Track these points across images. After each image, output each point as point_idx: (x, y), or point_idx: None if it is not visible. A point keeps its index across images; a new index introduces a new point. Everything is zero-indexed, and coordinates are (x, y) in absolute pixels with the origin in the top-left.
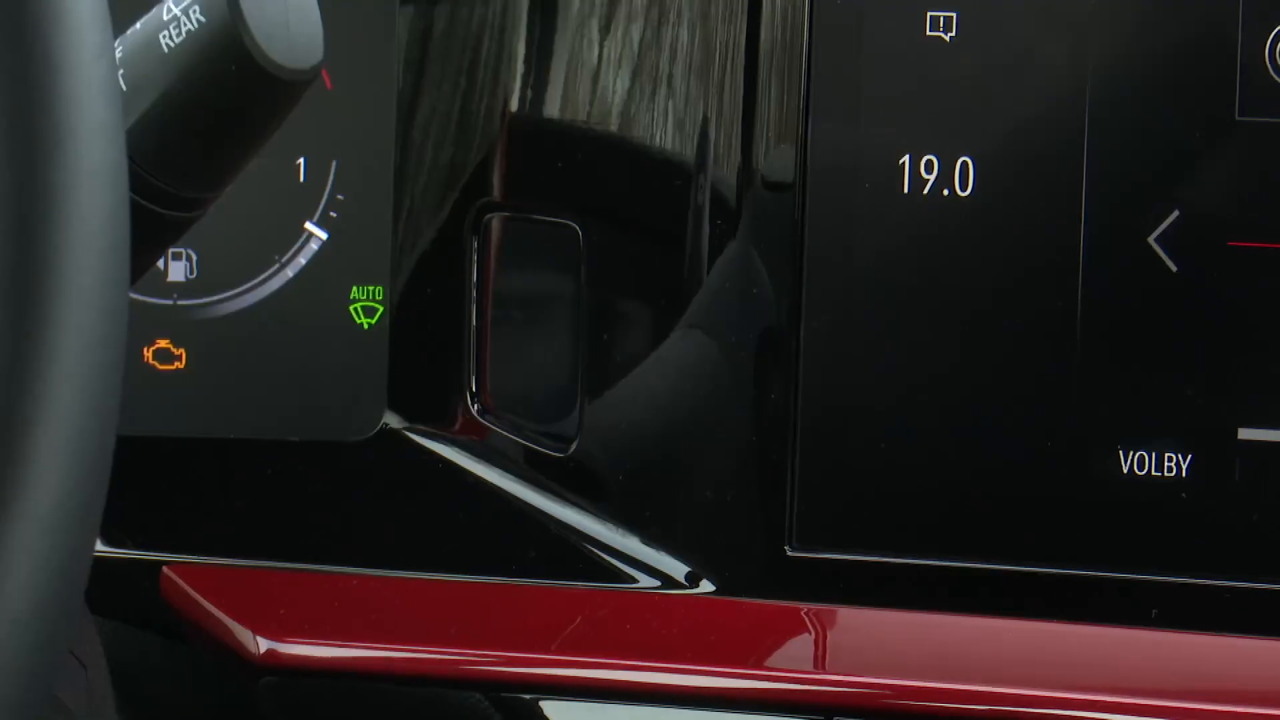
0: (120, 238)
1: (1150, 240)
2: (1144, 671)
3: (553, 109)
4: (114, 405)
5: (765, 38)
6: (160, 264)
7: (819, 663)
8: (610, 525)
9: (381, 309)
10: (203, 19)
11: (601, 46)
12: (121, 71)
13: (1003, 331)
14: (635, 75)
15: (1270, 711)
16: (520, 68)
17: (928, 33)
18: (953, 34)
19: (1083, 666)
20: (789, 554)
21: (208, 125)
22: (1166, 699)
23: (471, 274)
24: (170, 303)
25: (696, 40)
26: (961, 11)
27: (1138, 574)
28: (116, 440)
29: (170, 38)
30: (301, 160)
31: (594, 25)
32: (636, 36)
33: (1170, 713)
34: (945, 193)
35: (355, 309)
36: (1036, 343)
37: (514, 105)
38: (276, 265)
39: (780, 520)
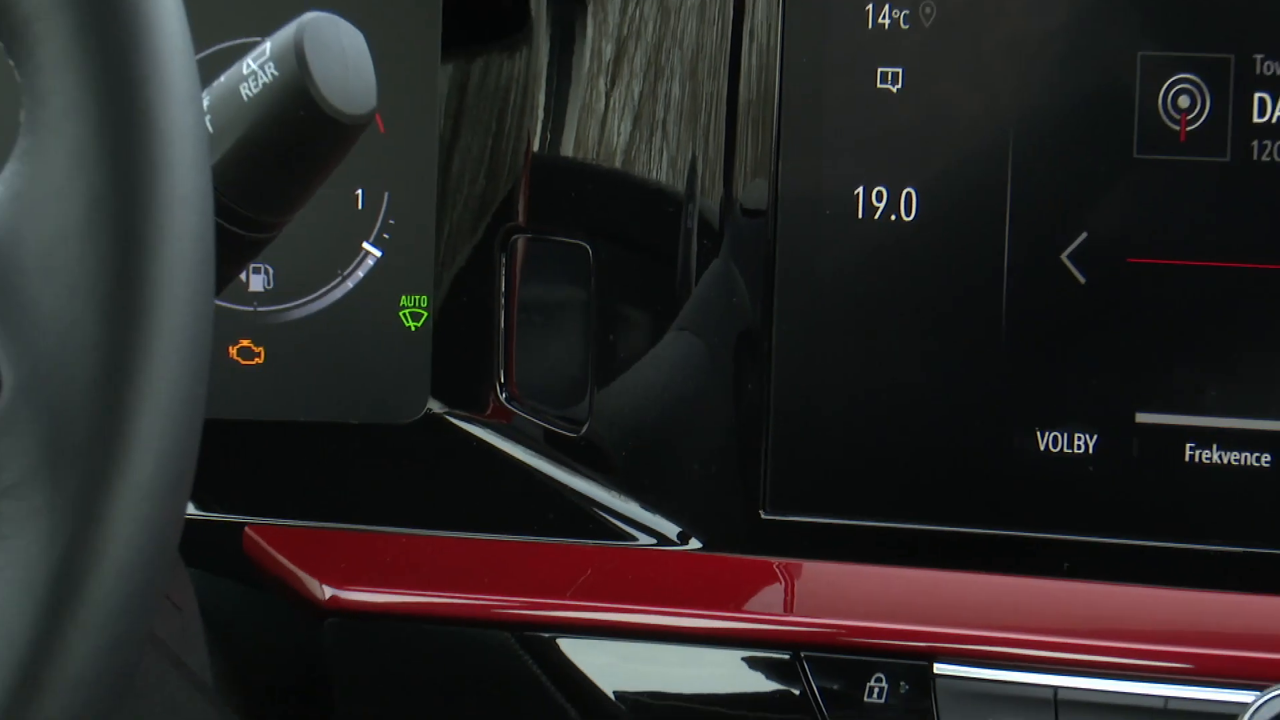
0: (206, 255)
1: (1063, 257)
2: (1056, 615)
3: (567, 149)
4: (202, 394)
5: (743, 91)
6: (243, 277)
7: (788, 607)
8: (614, 493)
9: (426, 314)
10: (276, 73)
11: (607, 98)
12: (208, 116)
13: (941, 333)
14: (635, 122)
15: (1161, 648)
16: (540, 115)
17: (878, 85)
18: (899, 86)
19: (1007, 610)
20: (763, 517)
21: (279, 161)
22: (1075, 638)
23: (500, 285)
24: (251, 309)
25: (686, 94)
26: (906, 68)
27: (1053, 534)
28: (206, 423)
29: (249, 88)
30: (359, 191)
31: (601, 81)
32: (636, 90)
33: (1078, 649)
34: (893, 218)
35: (404, 314)
36: (969, 342)
37: (535, 146)
38: (339, 278)
39: (756, 488)
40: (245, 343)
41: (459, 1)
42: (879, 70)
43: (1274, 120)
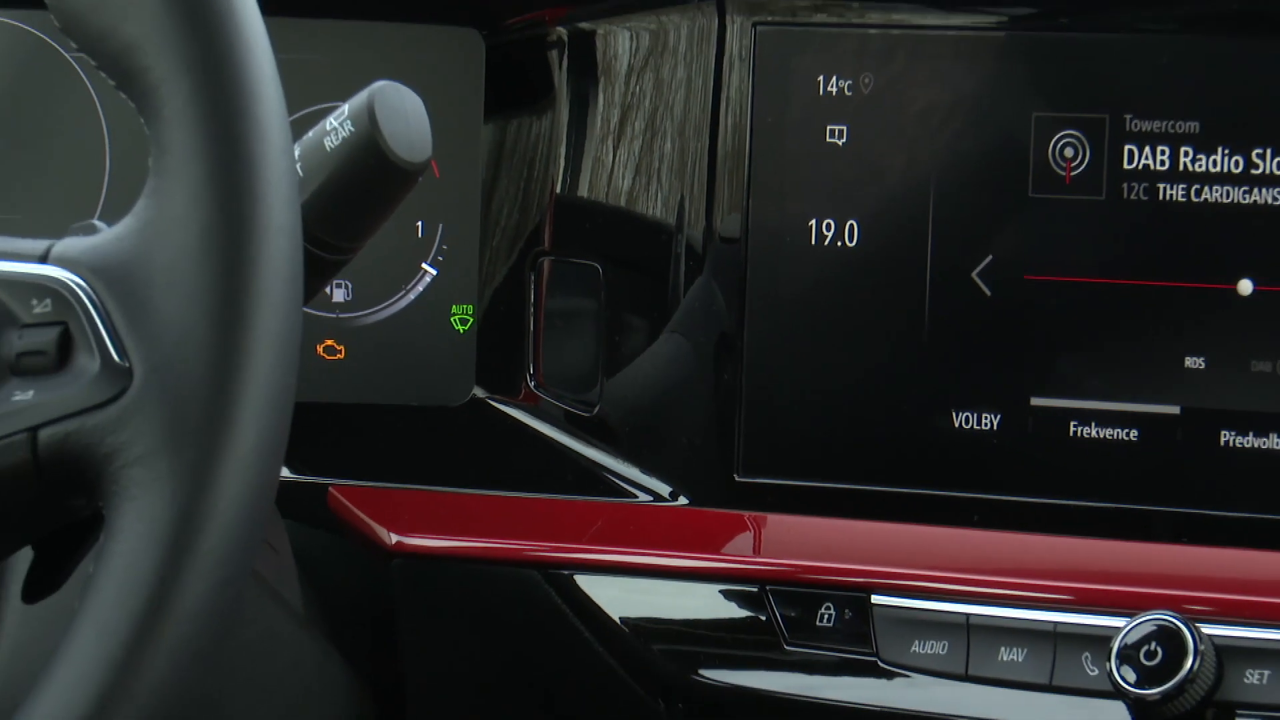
0: (296, 273)
1: (973, 275)
2: (968, 558)
3: (582, 191)
4: (293, 384)
5: (720, 147)
6: (328, 290)
7: (756, 551)
8: (619, 460)
9: (472, 319)
10: (352, 129)
11: (614, 153)
12: (299, 163)
13: (877, 334)
14: (636, 171)
15: (1051, 583)
16: (561, 165)
17: (827, 140)
18: (844, 141)
19: (930, 553)
20: (736, 479)
21: (355, 199)
22: (983, 575)
23: (530, 297)
24: (334, 316)
25: (675, 149)
26: (849, 126)
27: (965, 493)
28: (296, 405)
29: (331, 141)
30: (419, 222)
31: (609, 140)
32: (637, 147)
33: (985, 584)
34: (839, 244)
35: (454, 320)
36: (899, 341)
37: (557, 188)
38: (403, 291)
39: (730, 456)
40: (329, 342)
41: (497, 74)
42: (827, 128)
43: (1140, 167)
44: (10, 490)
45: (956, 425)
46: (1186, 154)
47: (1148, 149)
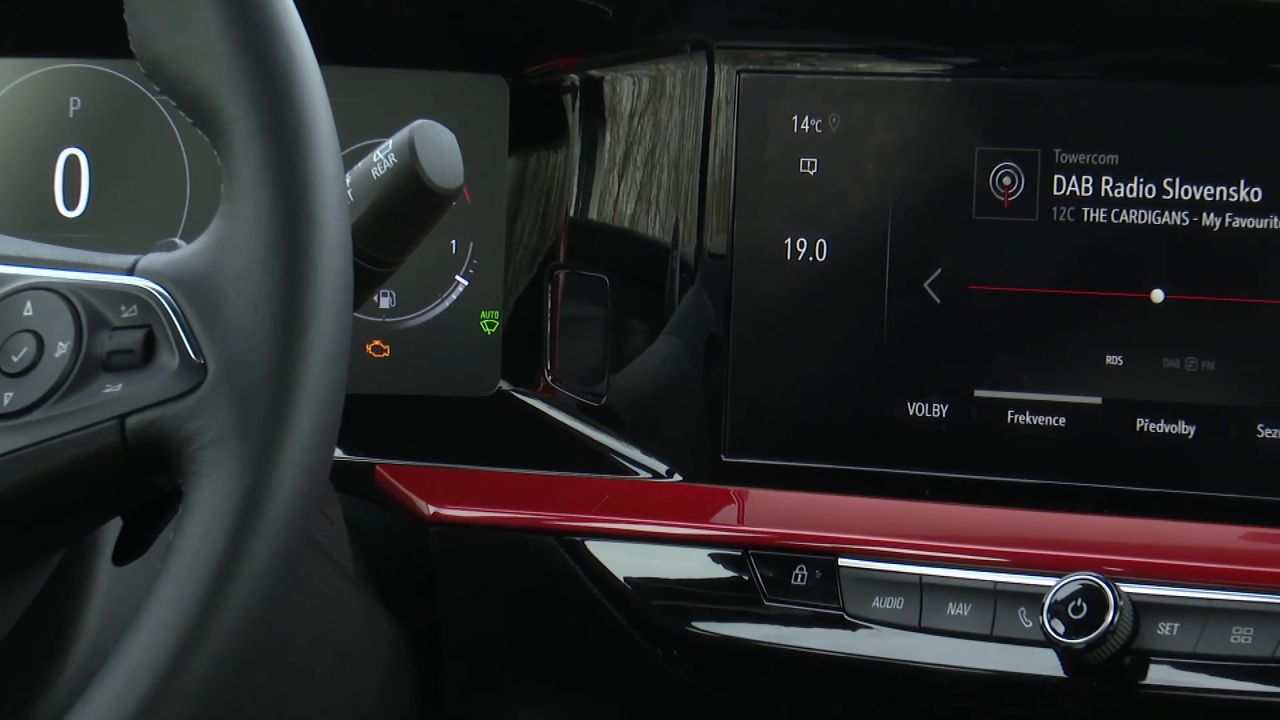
0: (347, 283)
1: (925, 285)
2: (921, 527)
3: (592, 214)
4: (344, 378)
5: (709, 178)
6: (375, 298)
7: (740, 520)
8: (623, 443)
9: (498, 323)
10: (395, 160)
11: (619, 182)
12: (349, 189)
13: (843, 336)
14: (638, 198)
15: (991, 548)
16: (574, 192)
17: (800, 171)
18: (815, 172)
19: (889, 523)
20: (724, 459)
21: (398, 220)
22: (933, 541)
23: (547, 304)
24: (380, 320)
25: (671, 180)
26: (819, 159)
27: (919, 471)
28: (347, 397)
29: (378, 170)
30: (453, 240)
31: (615, 172)
32: (638, 178)
33: (935, 549)
34: (810, 260)
35: (483, 323)
36: (862, 343)
37: (571, 213)
38: (439, 299)
39: (719, 440)
40: (376, 342)
41: (519, 114)
42: (800, 160)
43: (1068, 193)
44: (102, 469)
45: (910, 414)
46: (1107, 182)
47: (1074, 178)
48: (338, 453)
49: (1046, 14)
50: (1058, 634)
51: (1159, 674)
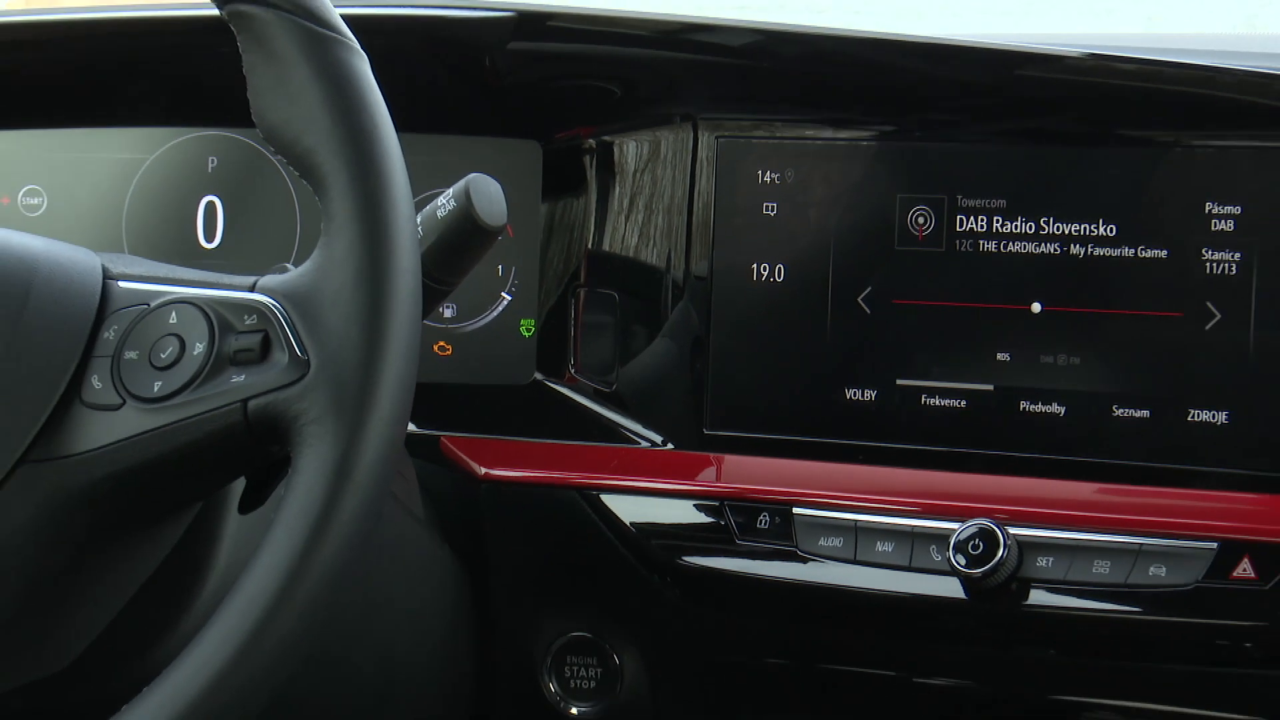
0: (418, 298)
1: (858, 300)
2: (856, 484)
3: (605, 247)
4: (415, 370)
5: (694, 218)
6: (440, 309)
7: (717, 479)
8: (629, 419)
9: (534, 329)
10: (454, 204)
11: (625, 222)
12: (419, 227)
13: (796, 339)
14: (640, 235)
15: (910, 500)
16: (591, 230)
17: (763, 213)
18: (774, 213)
19: (831, 481)
20: (705, 432)
21: (456, 250)
22: (864, 494)
23: (571, 314)
24: (444, 326)
25: (665, 221)
26: (778, 204)
27: (855, 442)
28: (418, 385)
29: (441, 211)
30: (499, 265)
31: (622, 214)
32: (640, 218)
33: (866, 501)
34: (771, 280)
35: (522, 328)
36: (811, 344)
37: (589, 244)
38: (489, 310)
39: (701, 416)
40: (441, 343)
41: (550, 170)
42: (763, 205)
43: (967, 229)
44: (229, 440)
45: (848, 398)
46: (997, 220)
47: (972, 218)
48: (411, 427)
49: (949, 94)
50: (960, 566)
51: (1037, 597)
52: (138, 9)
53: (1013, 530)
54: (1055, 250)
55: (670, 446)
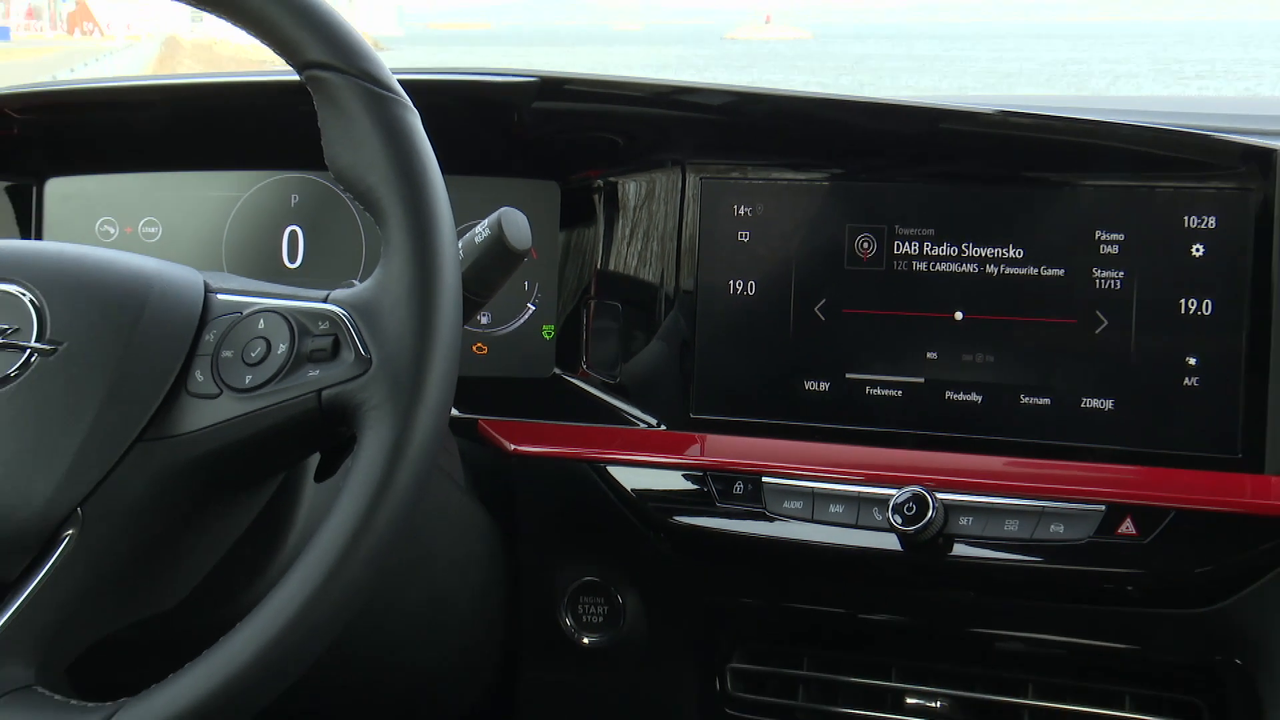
0: (459, 308)
1: (815, 309)
2: (812, 458)
3: (611, 267)
4: (456, 366)
5: (682, 244)
6: (478, 317)
7: (701, 454)
8: (629, 405)
9: (554, 332)
10: (488, 232)
11: (627, 247)
12: (460, 250)
13: (765, 341)
14: (639, 257)
15: (855, 470)
16: (599, 252)
17: (738, 240)
18: (747, 239)
19: (794, 455)
20: (691, 416)
21: (490, 269)
22: (819, 465)
23: (584, 320)
24: (481, 330)
25: (660, 246)
26: (751, 232)
27: (812, 423)
28: (460, 378)
29: (478, 238)
30: (525, 281)
31: (624, 240)
32: (639, 244)
33: (821, 471)
34: (744, 294)
35: (544, 332)
36: (777, 345)
37: (598, 265)
38: (517, 318)
39: (688, 404)
40: (479, 344)
41: (566, 204)
42: (738, 233)
43: (903, 253)
44: (306, 423)
45: (807, 388)
46: (927, 245)
47: (907, 243)
48: (454, 412)
49: (888, 143)
50: (897, 524)
51: (959, 549)
52: (236, 75)
53: (940, 495)
54: (974, 270)
55: (663, 428)
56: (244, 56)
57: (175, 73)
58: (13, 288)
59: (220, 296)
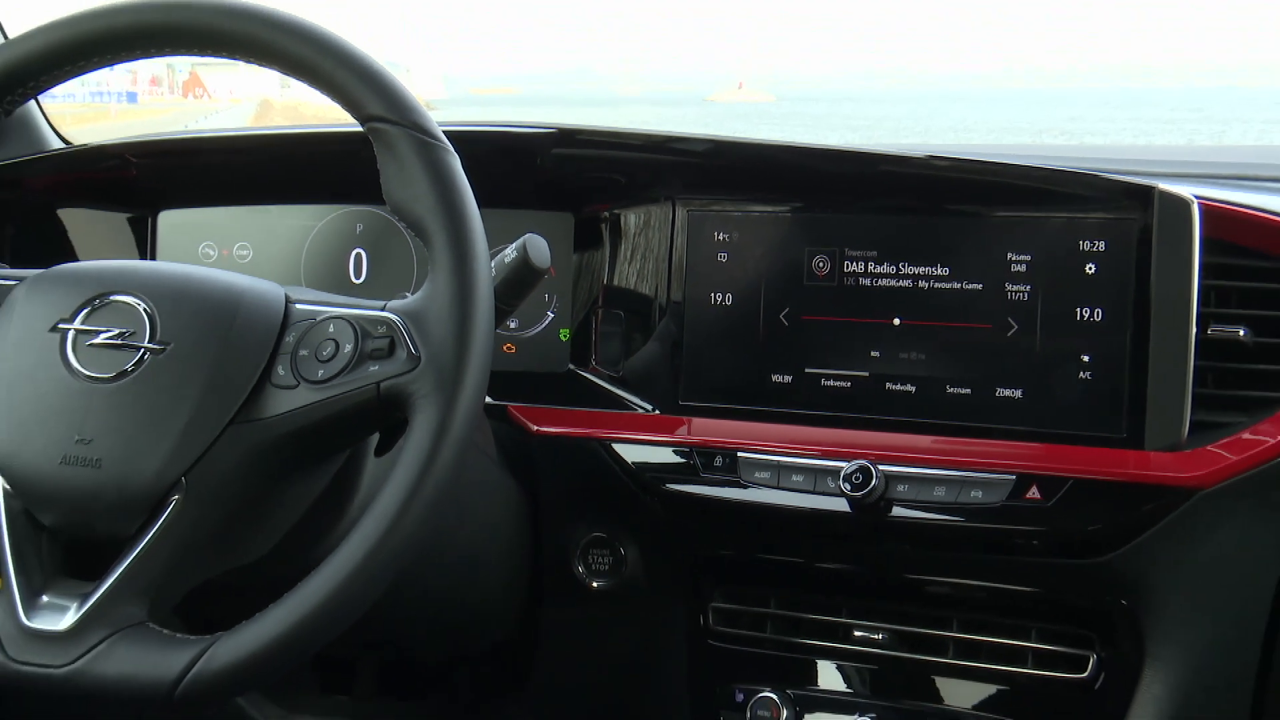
0: (491, 316)
1: (780, 317)
2: (778, 438)
3: (616, 282)
4: (489, 362)
5: (673, 263)
6: (508, 322)
7: (689, 433)
8: (630, 394)
9: (569, 335)
10: (515, 254)
11: (629, 266)
12: (493, 268)
13: (739, 343)
14: (638, 274)
15: (812, 445)
16: (606, 270)
17: (718, 260)
18: (725, 260)
19: (764, 435)
20: (680, 403)
21: (517, 284)
22: (782, 442)
23: (593, 326)
24: (510, 333)
25: (654, 265)
26: (728, 254)
27: (779, 409)
28: (492, 373)
29: (507, 258)
30: (546, 294)
31: (626, 261)
32: (638, 264)
33: (785, 447)
34: (723, 304)
35: (561, 334)
36: (748, 346)
37: (605, 281)
38: (539, 323)
39: (677, 392)
40: (508, 345)
41: (578, 233)
42: (718, 254)
43: (852, 270)
44: (367, 409)
45: (774, 380)
46: (871, 264)
47: (855, 263)
48: (487, 399)
49: (838, 182)
50: (847, 491)
51: (897, 511)
52: (311, 128)
53: (881, 467)
54: (909, 284)
55: (657, 412)
56: (322, 115)
57: (266, 121)
58: (131, 299)
59: (298, 306)
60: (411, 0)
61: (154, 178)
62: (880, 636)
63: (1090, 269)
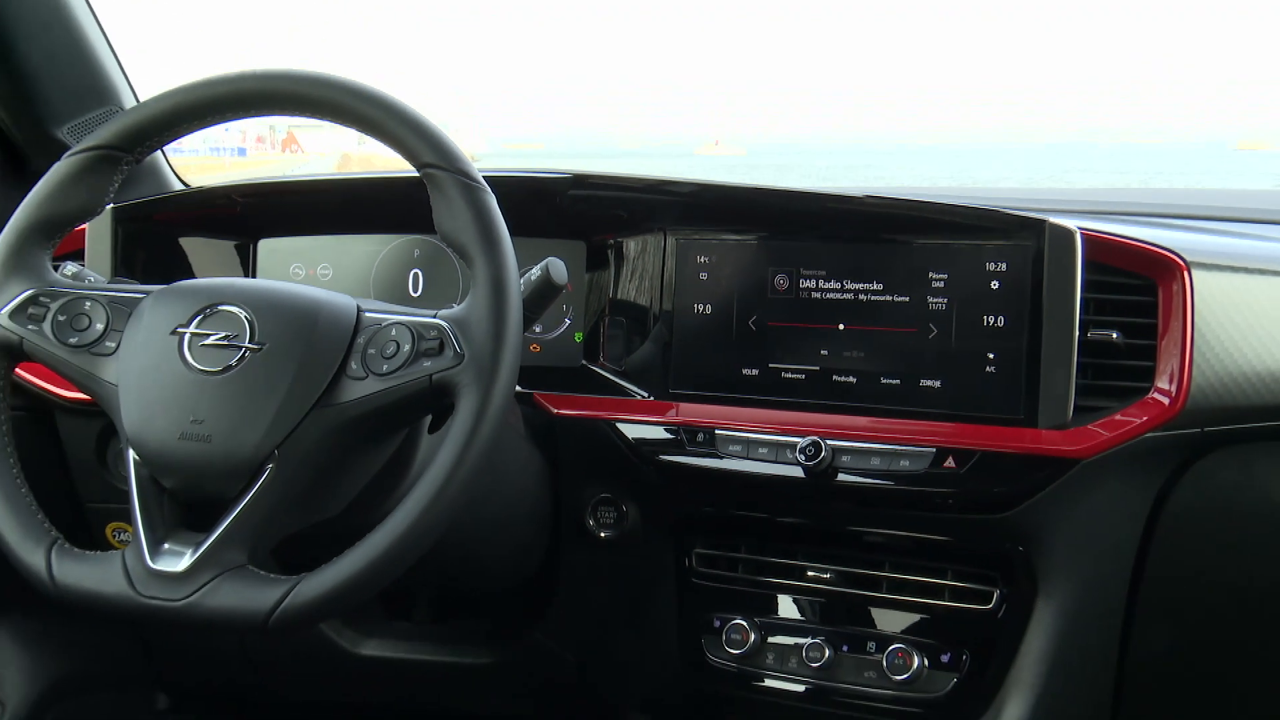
0: (520, 322)
1: (749, 323)
2: (750, 420)
3: (620, 296)
4: (519, 359)
5: (664, 281)
6: (533, 328)
7: (677, 415)
8: (631, 384)
9: (582, 337)
10: (539, 273)
11: (630, 283)
12: (521, 285)
13: (718, 345)
14: (636, 289)
15: (779, 424)
16: (611, 286)
17: (699, 278)
18: (705, 278)
19: (739, 418)
20: (670, 391)
21: (540, 298)
22: (754, 423)
23: (602, 329)
24: (535, 336)
25: (650, 282)
26: (709, 274)
27: (748, 396)
28: (521, 368)
29: (531, 276)
30: (564, 305)
31: (626, 278)
32: (638, 282)
33: (756, 425)
34: (704, 313)
35: (576, 336)
36: (724, 347)
37: (610, 294)
38: (558, 327)
39: (667, 382)
40: (534, 345)
41: (589, 256)
42: (699, 273)
43: (806, 286)
44: (421, 396)
45: (744, 374)
46: (821, 281)
47: (809, 280)
48: (517, 388)
49: (794, 217)
50: (801, 461)
51: (842, 477)
52: (379, 173)
53: (829, 442)
54: (851, 297)
55: (652, 399)
56: (388, 164)
57: (350, 166)
58: (235, 308)
59: (368, 314)
60: (460, 73)
61: (255, 213)
62: (828, 576)
63: (994, 285)
